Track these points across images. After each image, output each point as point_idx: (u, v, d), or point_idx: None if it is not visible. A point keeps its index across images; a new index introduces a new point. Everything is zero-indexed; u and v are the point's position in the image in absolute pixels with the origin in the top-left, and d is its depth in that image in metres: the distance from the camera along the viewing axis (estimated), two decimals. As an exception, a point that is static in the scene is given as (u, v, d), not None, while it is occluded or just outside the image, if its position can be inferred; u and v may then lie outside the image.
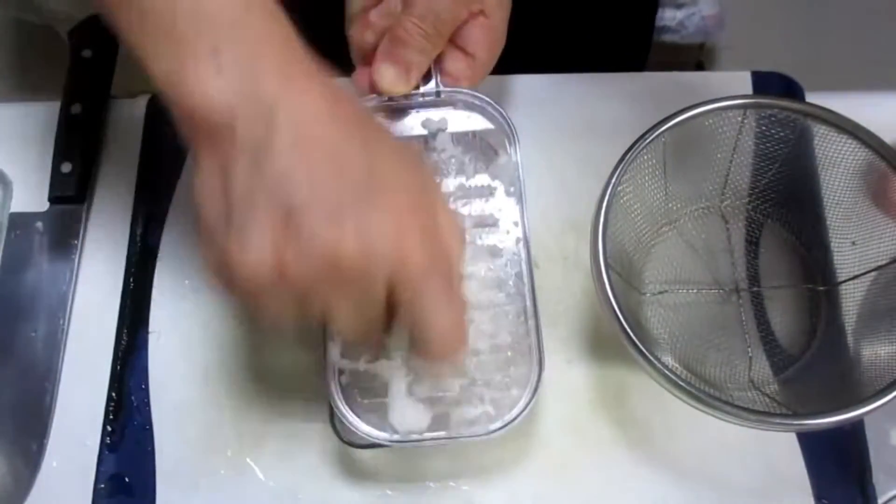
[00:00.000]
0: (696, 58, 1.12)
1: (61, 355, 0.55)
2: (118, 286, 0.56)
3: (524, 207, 0.51)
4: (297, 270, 0.38)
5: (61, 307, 0.56)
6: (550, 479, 0.51)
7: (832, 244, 0.54)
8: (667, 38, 1.05)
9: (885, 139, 0.50)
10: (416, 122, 0.53)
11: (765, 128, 0.53)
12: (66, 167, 0.58)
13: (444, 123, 0.52)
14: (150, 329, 0.55)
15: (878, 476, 0.51)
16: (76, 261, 0.58)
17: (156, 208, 0.58)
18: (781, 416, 0.47)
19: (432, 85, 0.51)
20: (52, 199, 0.59)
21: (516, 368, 0.49)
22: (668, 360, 0.50)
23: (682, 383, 0.45)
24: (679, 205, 0.56)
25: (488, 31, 0.51)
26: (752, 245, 0.56)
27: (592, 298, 0.52)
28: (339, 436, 0.49)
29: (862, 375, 0.50)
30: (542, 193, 0.58)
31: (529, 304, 0.49)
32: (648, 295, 0.54)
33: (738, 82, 0.61)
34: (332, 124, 0.40)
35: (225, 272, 0.39)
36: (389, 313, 0.42)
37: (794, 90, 0.60)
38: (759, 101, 0.53)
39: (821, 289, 0.54)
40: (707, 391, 0.45)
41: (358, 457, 0.52)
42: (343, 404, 0.48)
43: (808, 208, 0.55)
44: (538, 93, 0.61)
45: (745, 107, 0.52)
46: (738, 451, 0.51)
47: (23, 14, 0.85)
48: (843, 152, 0.52)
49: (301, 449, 0.52)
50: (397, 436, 0.47)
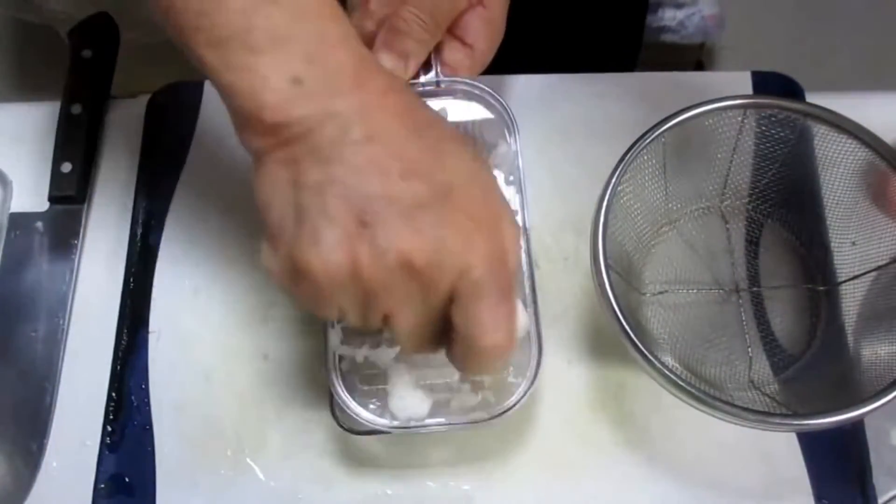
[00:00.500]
0: (696, 58, 1.13)
1: (61, 355, 0.55)
2: (118, 286, 0.56)
3: (524, 196, 0.51)
4: (370, 271, 0.38)
5: (61, 307, 0.56)
6: (550, 479, 0.51)
7: (832, 244, 0.54)
8: (667, 38, 1.05)
9: (885, 139, 0.50)
10: None
11: (765, 128, 0.53)
12: (66, 167, 0.58)
13: (444, 113, 0.52)
14: (150, 329, 0.55)
15: (878, 476, 0.51)
16: (76, 261, 0.58)
17: (156, 208, 0.58)
18: (781, 416, 0.47)
19: (432, 75, 0.51)
20: (52, 199, 0.59)
21: (516, 356, 0.48)
22: (668, 360, 0.50)
23: (682, 383, 0.45)
24: (679, 205, 0.56)
25: (487, 21, 0.51)
26: (752, 245, 0.56)
27: (592, 298, 0.52)
28: (338, 422, 0.49)
29: (862, 375, 0.50)
30: (542, 193, 0.58)
31: (528, 292, 0.49)
32: (648, 295, 0.54)
33: (738, 82, 0.61)
34: (405, 129, 0.40)
35: (293, 271, 0.39)
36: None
37: (794, 90, 0.60)
38: (759, 101, 0.53)
39: (821, 289, 0.54)
40: (707, 391, 0.45)
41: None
42: (343, 391, 0.48)
43: (808, 208, 0.55)
44: (538, 93, 0.61)
45: (745, 107, 0.52)
46: (738, 451, 0.51)
47: (23, 14, 0.85)
48: (843, 152, 0.52)
49: (301, 449, 0.52)
50: (397, 422, 0.47)
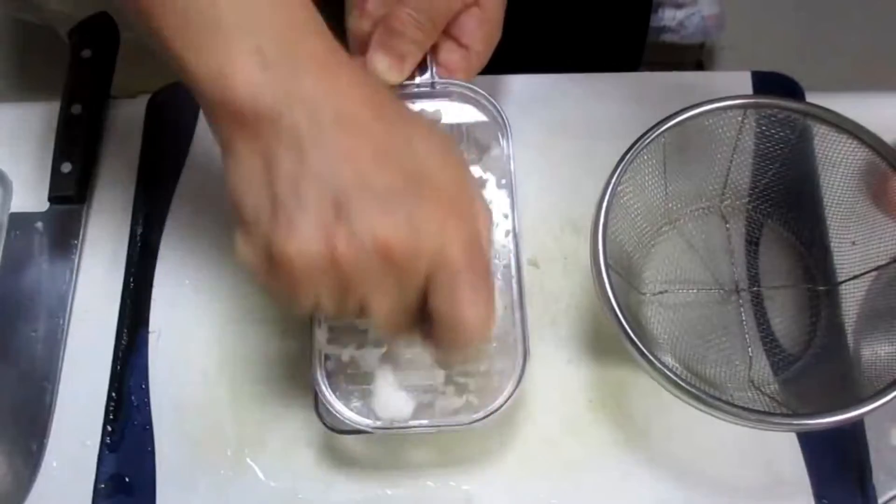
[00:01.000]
0: (696, 58, 1.13)
1: (61, 355, 0.55)
2: (118, 286, 0.56)
3: (514, 200, 0.51)
4: (347, 257, 0.38)
5: (61, 307, 0.56)
6: (550, 479, 0.51)
7: (832, 244, 0.54)
8: (667, 38, 1.05)
9: (885, 139, 0.50)
10: None
11: (765, 128, 0.53)
12: (66, 167, 0.58)
13: (438, 115, 0.52)
14: (150, 329, 0.55)
15: (878, 476, 0.51)
16: (76, 261, 0.58)
17: (156, 208, 0.58)
18: (781, 416, 0.47)
19: (427, 76, 0.51)
20: (52, 199, 0.59)
21: (502, 360, 0.48)
22: (668, 359, 0.50)
23: (682, 383, 0.45)
24: (679, 205, 0.56)
25: (483, 22, 0.51)
26: (752, 245, 0.56)
27: (592, 298, 0.52)
28: (322, 421, 0.49)
29: (862, 375, 0.50)
30: (542, 193, 0.58)
31: (516, 296, 0.49)
32: (648, 295, 0.54)
33: (738, 82, 0.61)
34: (375, 116, 0.40)
35: (268, 261, 0.39)
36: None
37: (794, 90, 0.60)
38: (759, 101, 0.53)
39: (821, 289, 0.54)
40: (707, 391, 0.45)
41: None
42: (328, 390, 0.48)
43: (808, 208, 0.55)
44: (538, 92, 0.61)
45: (745, 107, 0.52)
46: (738, 451, 0.51)
47: (23, 14, 0.85)
48: (843, 152, 0.52)
49: (301, 449, 0.52)
50: (380, 422, 0.47)
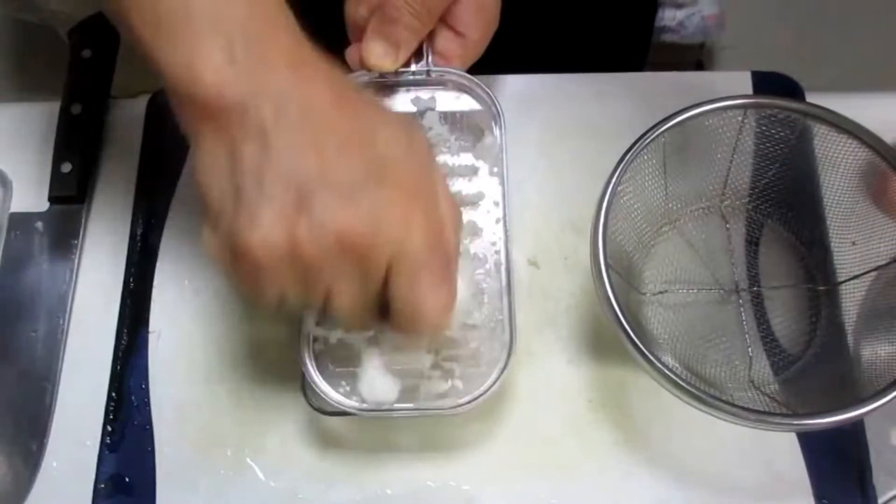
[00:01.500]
0: (696, 58, 1.13)
1: (61, 355, 0.55)
2: (118, 286, 0.56)
3: (506, 188, 0.51)
4: (308, 248, 0.39)
5: (61, 307, 0.56)
6: (550, 479, 0.51)
7: (832, 244, 0.54)
8: (667, 38, 1.06)
9: (885, 139, 0.50)
10: (405, 100, 0.53)
11: (765, 128, 0.53)
12: (66, 167, 0.58)
13: (432, 102, 0.53)
14: (150, 329, 0.55)
15: (878, 476, 0.51)
16: (76, 261, 0.58)
17: (156, 208, 0.58)
18: (781, 416, 0.47)
19: (423, 64, 0.52)
20: (52, 199, 0.59)
21: (489, 346, 0.49)
22: (668, 359, 0.50)
23: (682, 383, 0.45)
24: (679, 205, 0.56)
25: (479, 10, 0.51)
26: (752, 245, 0.56)
27: (592, 298, 0.52)
28: (308, 402, 0.49)
29: (862, 375, 0.50)
30: (542, 193, 0.58)
31: (505, 282, 0.49)
32: (648, 295, 0.54)
33: (738, 82, 0.61)
34: (339, 109, 0.41)
35: (232, 252, 0.40)
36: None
37: (794, 90, 0.60)
38: (759, 101, 0.53)
39: (821, 289, 0.54)
40: (707, 391, 0.45)
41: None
42: (315, 371, 0.48)
43: (808, 208, 0.55)
44: (538, 92, 0.61)
45: (745, 107, 0.52)
46: (738, 451, 0.51)
47: (23, 14, 0.85)
48: (843, 152, 0.52)
49: (301, 449, 0.52)
50: (365, 405, 0.47)
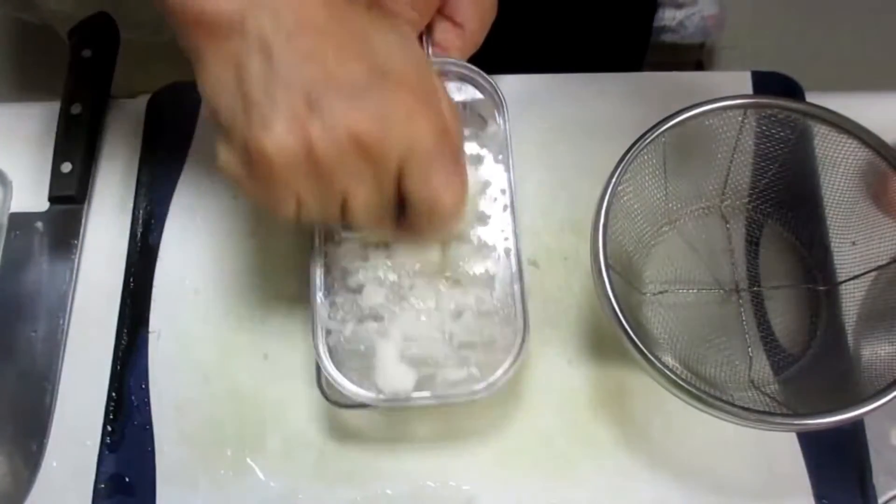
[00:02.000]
0: (696, 58, 1.13)
1: (61, 355, 0.55)
2: (118, 286, 0.56)
3: (512, 175, 0.52)
4: (322, 149, 0.40)
5: (61, 307, 0.56)
6: (550, 479, 0.51)
7: (832, 244, 0.54)
8: (667, 38, 1.06)
9: (885, 139, 0.50)
10: None
11: (765, 128, 0.53)
12: (66, 167, 0.58)
13: None
14: (150, 329, 0.55)
15: (878, 476, 0.51)
16: (76, 261, 0.58)
17: (156, 208, 0.58)
18: (781, 416, 0.47)
19: None
20: (52, 199, 0.59)
21: (502, 333, 0.49)
22: (669, 359, 0.50)
23: (682, 383, 0.45)
24: (679, 205, 0.56)
25: (477, 1, 0.52)
26: (753, 245, 0.56)
27: (592, 298, 0.52)
28: (325, 396, 0.49)
29: (862, 375, 0.50)
30: (542, 193, 0.58)
31: (515, 269, 0.50)
32: (649, 295, 0.54)
33: (738, 82, 0.61)
34: (333, 18, 0.42)
35: (248, 161, 0.41)
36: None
37: (794, 90, 0.60)
38: (759, 101, 0.53)
39: (821, 289, 0.54)
40: (707, 391, 0.45)
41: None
42: (331, 364, 0.48)
43: (808, 208, 0.55)
44: (538, 92, 0.61)
45: (745, 107, 0.52)
46: (738, 451, 0.51)
47: (23, 14, 0.85)
48: (843, 152, 0.52)
49: (301, 449, 0.52)
50: (382, 396, 0.47)
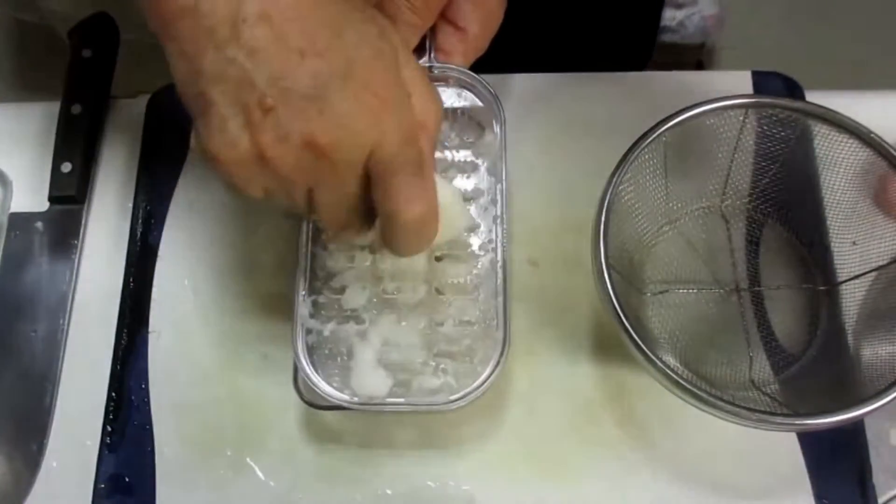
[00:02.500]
0: (696, 58, 1.13)
1: (61, 355, 0.55)
2: (118, 286, 0.56)
3: (504, 185, 0.51)
4: (275, 156, 0.38)
5: (61, 307, 0.56)
6: (551, 479, 0.51)
7: (832, 244, 0.54)
8: (667, 38, 1.05)
9: (885, 139, 0.50)
10: None
11: (765, 127, 0.53)
12: (66, 167, 0.58)
13: None
14: (150, 329, 0.55)
15: (878, 476, 0.51)
16: (76, 261, 0.58)
17: (156, 208, 0.58)
18: (782, 416, 0.47)
19: (425, 60, 0.51)
20: (52, 199, 0.59)
21: (483, 344, 0.49)
22: (669, 359, 0.50)
23: (683, 382, 0.45)
24: (680, 204, 0.56)
25: (480, 5, 0.51)
26: (753, 245, 0.56)
27: (593, 298, 0.52)
28: (300, 396, 0.49)
29: (862, 375, 0.50)
30: (542, 193, 0.58)
31: (500, 280, 0.49)
32: (649, 294, 0.54)
33: (738, 82, 0.61)
34: (302, 4, 0.38)
35: (207, 160, 0.39)
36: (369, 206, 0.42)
37: (794, 90, 0.60)
38: (759, 101, 0.53)
39: (821, 289, 0.54)
40: (708, 390, 0.45)
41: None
42: (308, 364, 0.48)
43: (808, 208, 0.55)
44: (539, 92, 0.61)
45: (745, 106, 0.52)
46: (738, 451, 0.51)
47: (23, 14, 0.85)
48: (843, 152, 0.52)
49: (301, 449, 0.52)
50: (356, 399, 0.47)
